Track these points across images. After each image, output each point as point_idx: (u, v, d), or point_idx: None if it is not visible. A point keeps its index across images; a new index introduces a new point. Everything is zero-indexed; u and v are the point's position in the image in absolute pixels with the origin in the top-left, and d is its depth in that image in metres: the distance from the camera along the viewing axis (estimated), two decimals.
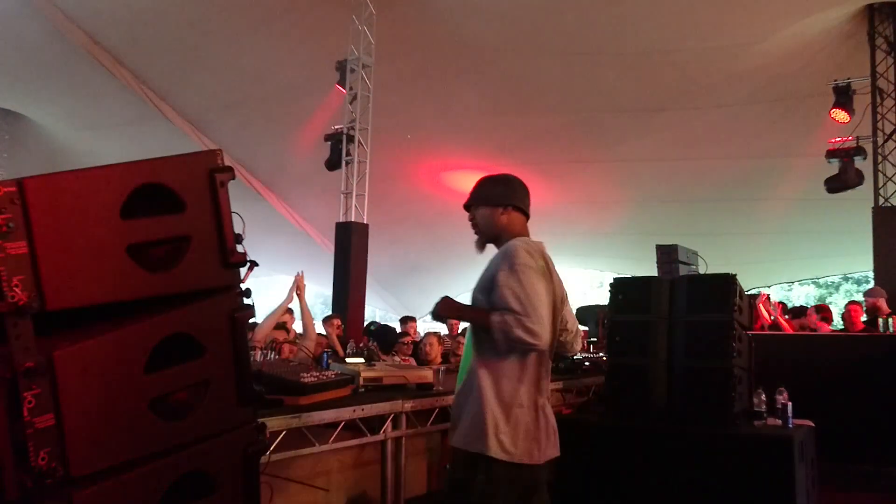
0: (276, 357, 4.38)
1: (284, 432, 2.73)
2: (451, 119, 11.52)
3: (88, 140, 13.09)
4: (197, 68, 10.93)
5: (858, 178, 8.88)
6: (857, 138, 8.89)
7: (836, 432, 4.89)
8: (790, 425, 3.93)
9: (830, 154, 8.97)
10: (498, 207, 2.50)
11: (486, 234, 2.54)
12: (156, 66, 11.03)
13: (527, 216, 2.55)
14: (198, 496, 1.77)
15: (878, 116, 8.96)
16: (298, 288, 5.28)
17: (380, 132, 10.51)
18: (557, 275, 2.54)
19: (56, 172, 1.60)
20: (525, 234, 2.52)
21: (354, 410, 3.07)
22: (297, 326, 6.13)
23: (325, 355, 4.36)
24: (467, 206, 2.59)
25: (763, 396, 4.08)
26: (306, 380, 2.92)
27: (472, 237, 2.61)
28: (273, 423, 2.56)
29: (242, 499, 1.88)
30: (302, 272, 5.38)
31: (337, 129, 10.51)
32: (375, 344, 5.74)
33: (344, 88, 10.36)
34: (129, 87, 11.18)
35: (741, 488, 3.68)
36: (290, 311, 6.64)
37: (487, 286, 2.39)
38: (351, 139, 10.37)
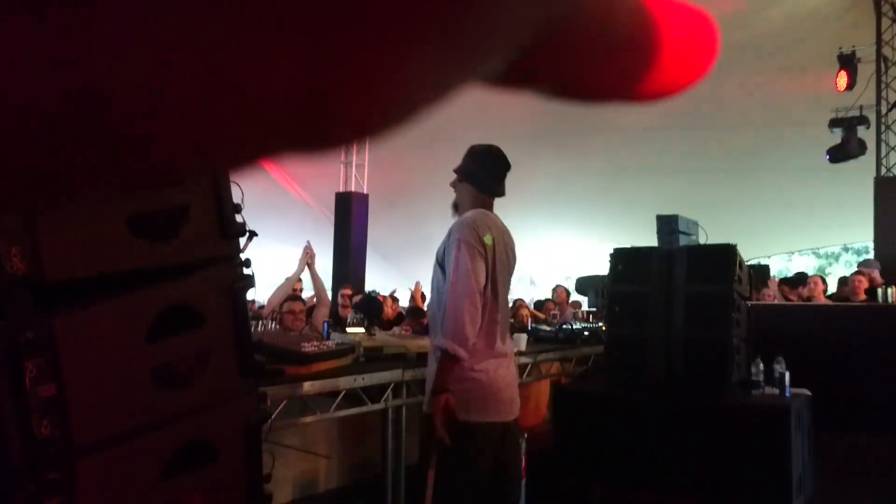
0: (278, 327, 4.40)
1: (285, 401, 2.75)
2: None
3: None
4: None
5: (861, 148, 8.83)
6: (861, 107, 8.82)
7: (833, 401, 4.94)
8: (787, 395, 3.97)
9: (833, 123, 8.91)
10: (456, 175, 2.60)
11: (454, 200, 2.64)
12: None
13: (483, 190, 2.57)
14: (200, 464, 1.79)
15: (883, 85, 8.88)
16: (309, 257, 5.30)
17: None
18: (509, 246, 2.61)
19: None
20: (478, 205, 2.55)
21: (355, 380, 3.09)
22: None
23: (325, 325, 4.38)
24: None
25: (761, 366, 4.11)
26: (307, 349, 2.93)
27: None
28: (274, 392, 2.58)
29: (245, 467, 1.90)
30: (309, 242, 5.40)
31: None
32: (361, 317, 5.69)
33: None
34: None
35: (738, 457, 3.72)
36: (298, 280, 6.67)
37: (442, 262, 2.50)
38: None
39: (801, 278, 8.53)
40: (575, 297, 8.90)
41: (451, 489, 2.40)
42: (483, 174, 2.58)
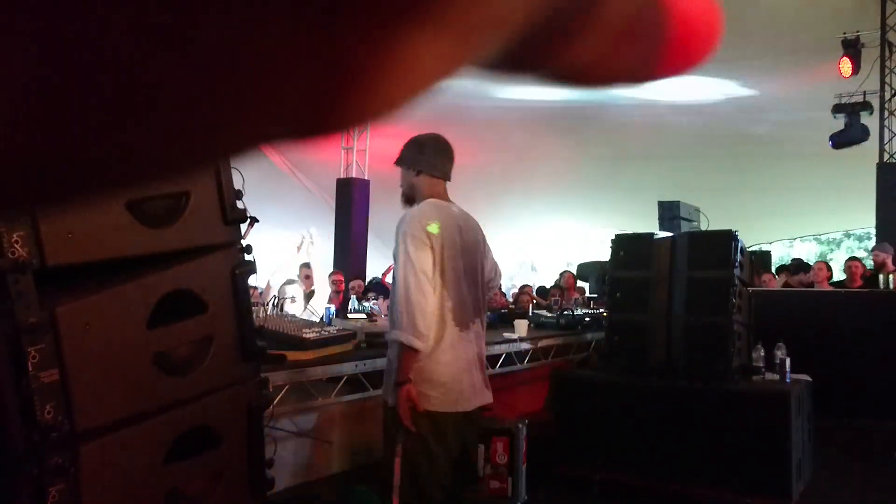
0: (279, 313, 4.40)
1: (287, 387, 2.76)
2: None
3: None
4: None
5: (864, 134, 8.80)
6: (865, 93, 8.77)
7: (834, 387, 4.95)
8: (788, 380, 3.98)
9: (836, 109, 8.87)
10: (410, 169, 2.60)
11: (405, 193, 2.64)
12: None
13: (439, 178, 2.60)
14: (203, 449, 1.80)
15: (887, 70, 8.83)
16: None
17: None
18: (466, 231, 2.60)
19: None
20: (435, 195, 2.57)
21: (356, 365, 3.09)
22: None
23: (327, 311, 4.40)
24: (396, 163, 2.67)
25: (762, 352, 4.11)
26: (308, 335, 2.94)
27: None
28: (276, 377, 2.59)
29: (247, 452, 1.91)
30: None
31: None
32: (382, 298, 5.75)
33: None
34: None
35: (738, 442, 3.74)
36: (307, 266, 6.69)
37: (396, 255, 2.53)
38: None
39: (801, 265, 8.54)
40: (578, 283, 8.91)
41: (416, 476, 2.47)
42: (437, 160, 2.59)
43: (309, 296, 5.53)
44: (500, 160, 12.64)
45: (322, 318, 4.17)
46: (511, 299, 8.10)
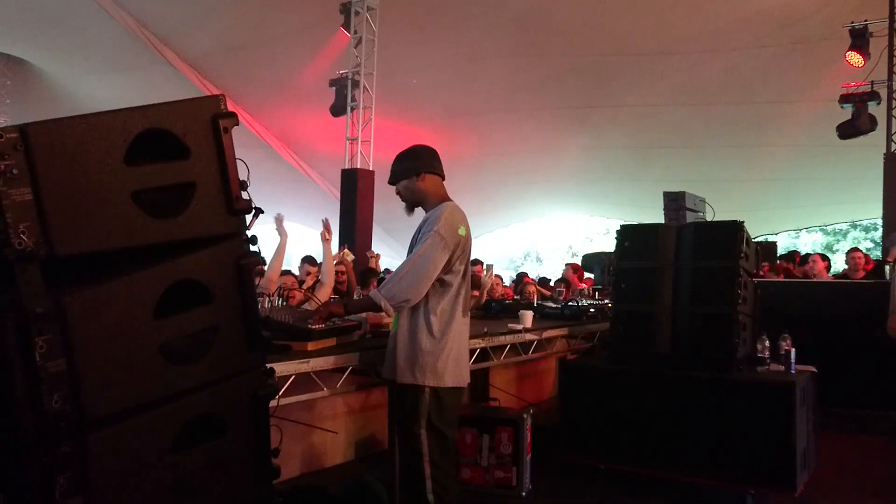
0: (285, 304, 4.41)
1: (293, 377, 2.77)
2: (458, 63, 11.33)
3: (90, 85, 12.96)
4: (199, 11, 10.72)
5: (872, 124, 8.75)
6: (872, 83, 8.72)
7: (838, 378, 4.94)
8: (793, 371, 3.98)
9: (844, 99, 8.82)
10: (411, 177, 2.93)
11: (411, 201, 2.98)
12: (157, 10, 10.82)
13: (440, 176, 2.98)
14: (209, 438, 1.81)
15: (895, 60, 8.76)
16: (327, 231, 5.37)
17: (385, 76, 10.34)
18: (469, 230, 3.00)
19: (58, 118, 1.58)
20: (443, 195, 2.95)
21: (361, 356, 3.10)
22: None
23: (332, 301, 4.39)
24: (391, 182, 3.01)
25: (766, 342, 4.11)
26: (313, 326, 2.94)
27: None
28: (282, 368, 2.60)
29: (253, 441, 1.92)
30: (326, 219, 5.48)
31: (342, 73, 10.36)
32: None
33: (348, 32, 10.17)
34: (131, 30, 11.00)
35: (743, 432, 3.74)
36: (312, 262, 6.71)
37: (414, 242, 2.87)
38: (356, 84, 10.23)
39: (803, 257, 8.53)
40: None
41: (443, 446, 2.80)
42: (434, 161, 2.94)
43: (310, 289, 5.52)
44: (511, 154, 12.62)
45: None
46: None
